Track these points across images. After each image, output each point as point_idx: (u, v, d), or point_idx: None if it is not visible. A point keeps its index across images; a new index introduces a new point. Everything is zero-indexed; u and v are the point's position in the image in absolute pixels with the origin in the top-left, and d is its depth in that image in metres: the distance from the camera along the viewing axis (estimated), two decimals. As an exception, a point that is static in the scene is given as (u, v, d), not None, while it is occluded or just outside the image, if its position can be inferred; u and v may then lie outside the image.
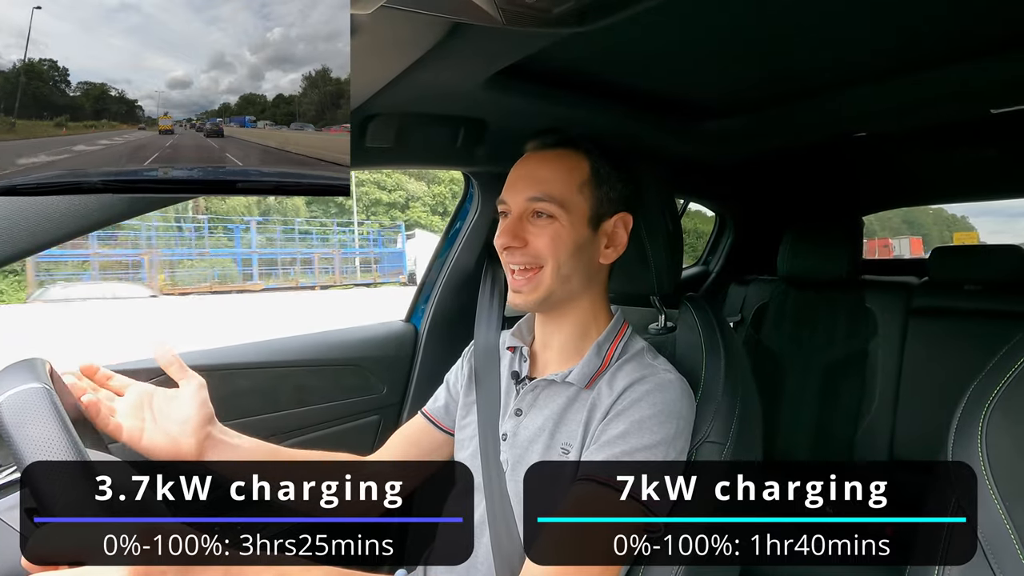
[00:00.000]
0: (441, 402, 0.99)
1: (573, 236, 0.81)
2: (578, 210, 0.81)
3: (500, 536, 0.81)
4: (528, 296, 0.81)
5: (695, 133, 1.46)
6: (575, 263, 0.81)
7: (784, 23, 0.94)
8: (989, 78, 1.19)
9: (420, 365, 1.41)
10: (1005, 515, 0.56)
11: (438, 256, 1.47)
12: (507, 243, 0.80)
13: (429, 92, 0.97)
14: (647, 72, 1.14)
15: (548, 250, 0.80)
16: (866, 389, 1.74)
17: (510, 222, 0.81)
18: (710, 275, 2.44)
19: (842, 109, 1.41)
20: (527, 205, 0.81)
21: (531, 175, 0.82)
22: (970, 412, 0.61)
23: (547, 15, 0.70)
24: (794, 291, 1.91)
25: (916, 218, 26.96)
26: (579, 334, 0.86)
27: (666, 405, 0.76)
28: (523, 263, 0.81)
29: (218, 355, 1.19)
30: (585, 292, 0.85)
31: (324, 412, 1.26)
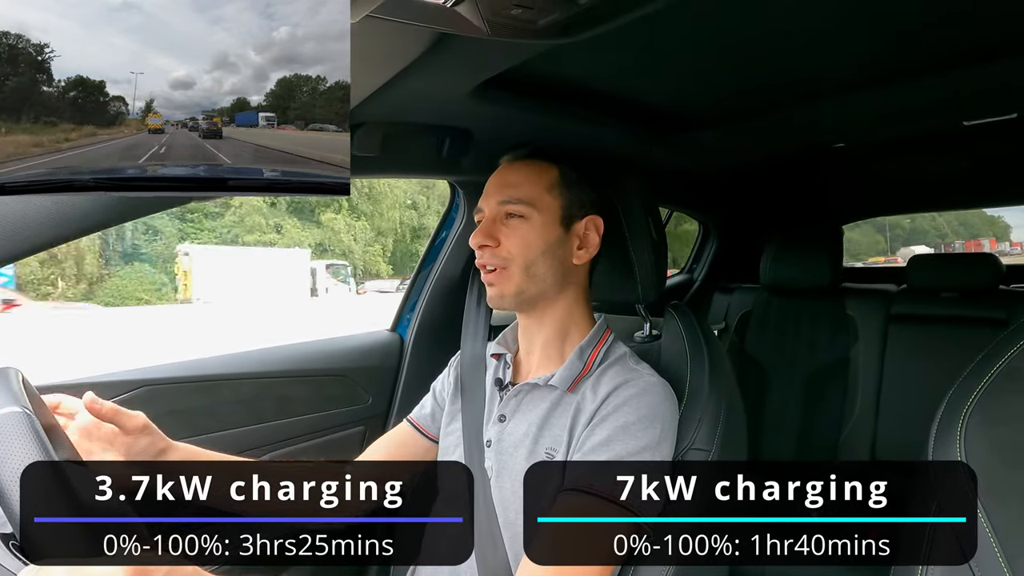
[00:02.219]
0: (427, 409, 0.98)
1: (543, 235, 0.84)
2: (549, 210, 0.85)
3: (484, 543, 0.80)
4: (500, 288, 0.84)
5: (678, 143, 1.48)
6: (546, 261, 0.84)
7: (765, 37, 0.96)
8: (961, 92, 1.22)
9: (406, 375, 1.40)
10: (984, 517, 0.57)
11: (424, 266, 1.47)
12: (481, 242, 0.85)
13: (415, 102, 0.97)
14: (631, 83, 1.15)
15: (518, 248, 0.84)
16: (848, 395, 1.76)
17: (484, 224, 0.86)
18: (694, 283, 2.46)
19: (821, 121, 1.45)
20: (499, 208, 0.85)
21: (503, 182, 0.87)
22: (949, 417, 0.62)
23: (532, 26, 0.71)
24: (777, 299, 1.94)
25: (968, 219, 27.59)
26: (559, 336, 0.87)
27: (650, 409, 0.77)
28: (492, 262, 0.84)
29: (200, 366, 1.17)
30: (561, 293, 0.87)
31: (309, 423, 1.25)
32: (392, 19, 0.64)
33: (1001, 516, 0.56)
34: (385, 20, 0.64)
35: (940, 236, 25.68)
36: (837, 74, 1.16)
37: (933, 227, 26.38)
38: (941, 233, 26.20)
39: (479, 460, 0.85)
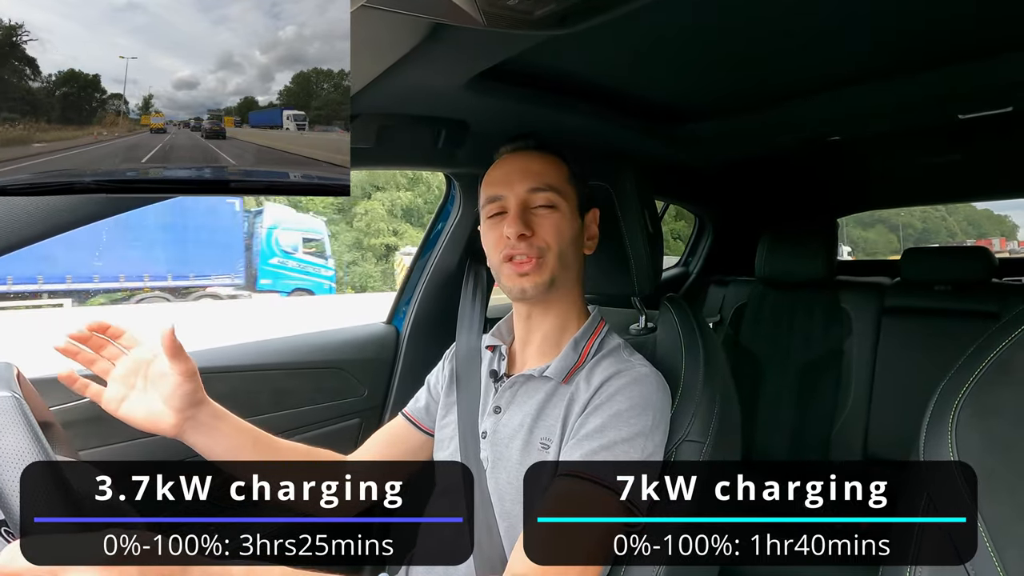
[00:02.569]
0: (422, 403, 0.98)
1: (572, 225, 0.85)
2: (572, 201, 0.86)
3: (481, 535, 0.81)
4: (536, 278, 0.82)
5: (674, 136, 1.48)
6: (573, 251, 0.86)
7: (762, 31, 0.96)
8: (956, 86, 1.22)
9: (402, 367, 1.40)
10: (976, 513, 0.57)
11: (420, 257, 1.46)
12: (520, 231, 0.81)
13: (410, 93, 0.96)
14: (627, 75, 1.15)
15: (553, 238, 0.83)
16: (841, 387, 1.78)
17: (516, 212, 0.82)
18: (690, 276, 2.47)
19: (817, 114, 1.45)
20: (529, 196, 0.83)
21: (526, 169, 0.85)
22: (940, 410, 0.62)
23: (528, 17, 0.71)
24: (771, 292, 1.95)
25: (976, 219, 27.84)
26: (559, 328, 0.87)
27: (642, 398, 0.77)
28: (530, 252, 0.82)
29: (195, 359, 1.17)
30: (575, 283, 0.88)
31: (304, 415, 1.25)
32: (388, 9, 0.63)
33: (990, 508, 0.56)
34: (381, 10, 0.63)
35: (950, 235, 26.03)
36: (833, 68, 1.16)
37: (945, 227, 26.76)
38: (951, 232, 26.54)
39: (474, 452, 0.85)
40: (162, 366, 0.78)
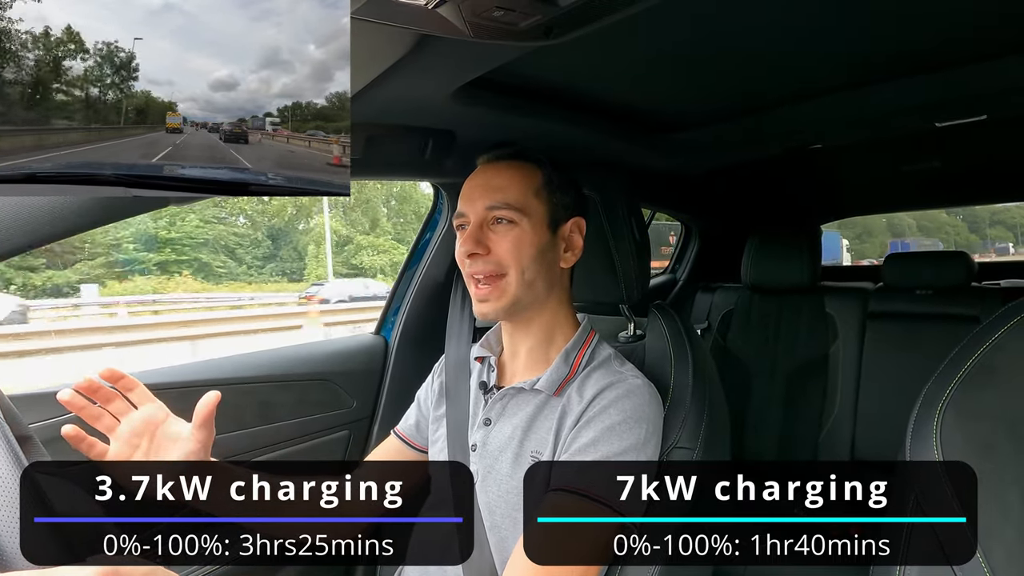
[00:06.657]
0: (412, 420, 0.98)
1: (535, 240, 0.82)
2: (537, 214, 0.82)
3: (470, 547, 0.80)
4: (495, 304, 0.81)
5: (660, 145, 1.50)
6: (538, 267, 0.82)
7: (745, 41, 0.98)
8: (933, 94, 1.25)
9: (390, 378, 1.39)
10: (963, 513, 0.58)
11: (408, 268, 1.46)
12: (471, 250, 0.80)
13: (397, 103, 0.96)
14: (613, 85, 1.16)
15: (511, 256, 0.80)
16: (828, 391, 1.80)
17: (472, 230, 0.82)
18: (677, 283, 2.49)
19: (799, 122, 1.47)
20: (486, 213, 0.82)
21: (487, 184, 0.83)
22: (925, 412, 0.63)
23: (514, 28, 0.71)
24: (758, 298, 1.97)
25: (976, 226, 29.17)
26: (546, 340, 0.87)
27: (635, 410, 0.77)
28: (486, 271, 0.81)
29: (180, 372, 1.15)
30: (549, 297, 0.86)
31: (293, 428, 1.23)
32: (374, 20, 0.64)
33: (976, 507, 0.57)
34: (367, 21, 0.63)
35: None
36: (815, 77, 1.19)
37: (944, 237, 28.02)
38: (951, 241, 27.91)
39: (464, 464, 0.85)
40: (175, 430, 0.74)
